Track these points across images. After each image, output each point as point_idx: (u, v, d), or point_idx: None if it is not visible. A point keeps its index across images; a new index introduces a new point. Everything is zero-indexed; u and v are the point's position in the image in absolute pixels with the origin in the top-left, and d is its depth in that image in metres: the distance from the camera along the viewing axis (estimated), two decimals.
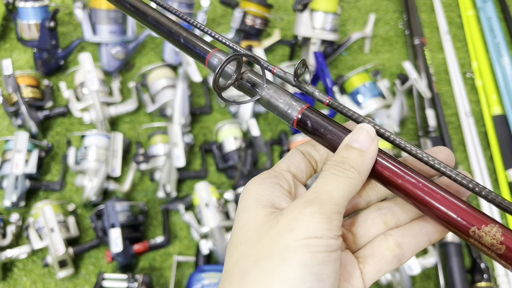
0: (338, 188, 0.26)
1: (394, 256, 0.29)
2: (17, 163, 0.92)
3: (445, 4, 1.39)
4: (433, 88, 1.17)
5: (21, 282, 0.91)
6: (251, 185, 0.28)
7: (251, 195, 0.28)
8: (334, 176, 0.26)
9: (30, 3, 1.08)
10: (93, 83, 0.98)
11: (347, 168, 0.26)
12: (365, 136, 0.27)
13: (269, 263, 0.24)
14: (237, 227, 0.27)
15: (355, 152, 0.26)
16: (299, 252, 0.23)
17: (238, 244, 0.26)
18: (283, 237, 0.24)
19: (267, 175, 0.29)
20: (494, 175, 1.06)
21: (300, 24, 1.14)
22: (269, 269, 0.24)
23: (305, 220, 0.24)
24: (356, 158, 0.26)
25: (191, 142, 1.06)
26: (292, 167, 0.30)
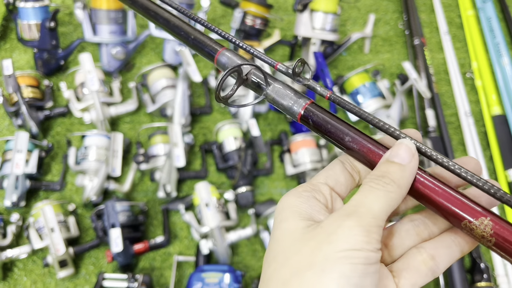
0: (377, 202, 0.26)
1: (428, 269, 0.29)
2: (18, 163, 0.92)
3: (445, 4, 1.39)
4: (433, 88, 1.17)
5: (21, 282, 0.91)
6: (288, 198, 0.29)
7: (289, 207, 0.28)
8: (374, 189, 0.26)
9: (30, 3, 1.08)
10: (93, 83, 0.98)
11: (387, 182, 0.26)
12: (405, 151, 0.27)
13: (309, 274, 0.24)
14: (275, 238, 0.27)
15: (395, 166, 0.27)
16: (339, 264, 0.23)
17: (276, 255, 0.26)
18: (323, 249, 0.24)
19: (304, 188, 0.29)
20: (494, 175, 1.06)
21: (300, 24, 1.14)
22: (309, 280, 0.24)
23: (344, 232, 0.24)
24: (396, 172, 0.26)
25: (191, 142, 1.06)
26: (330, 180, 0.30)
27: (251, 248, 0.97)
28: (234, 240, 0.92)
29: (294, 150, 1.03)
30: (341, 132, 0.29)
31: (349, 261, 0.23)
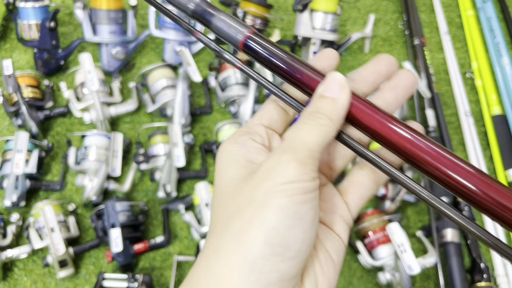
0: (311, 135, 0.26)
1: (371, 181, 0.31)
2: (18, 163, 0.92)
3: (445, 4, 1.39)
4: (433, 88, 1.17)
5: (21, 282, 0.91)
6: (225, 145, 0.30)
7: (227, 155, 0.29)
8: (307, 124, 0.27)
9: (30, 3, 1.08)
10: (93, 83, 0.98)
11: (319, 117, 0.27)
12: (335, 84, 0.27)
13: (250, 210, 0.25)
14: (218, 187, 0.29)
15: (327, 100, 0.27)
16: (277, 197, 0.24)
17: (221, 201, 0.28)
18: (262, 186, 0.25)
19: (239, 133, 0.30)
20: (494, 175, 1.07)
21: (300, 24, 1.14)
22: (250, 215, 0.25)
23: (282, 167, 0.25)
24: (328, 106, 0.27)
25: (191, 142, 1.06)
26: (264, 120, 0.31)
27: None
28: None
29: None
30: (283, 60, 0.30)
31: (286, 193, 0.24)
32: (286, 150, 0.26)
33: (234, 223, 0.25)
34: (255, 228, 0.24)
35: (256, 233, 0.24)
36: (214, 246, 0.26)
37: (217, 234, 0.26)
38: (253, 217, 0.25)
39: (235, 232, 0.25)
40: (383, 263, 0.89)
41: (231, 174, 0.28)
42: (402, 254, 0.79)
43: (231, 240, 0.25)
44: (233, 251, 0.24)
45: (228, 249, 0.25)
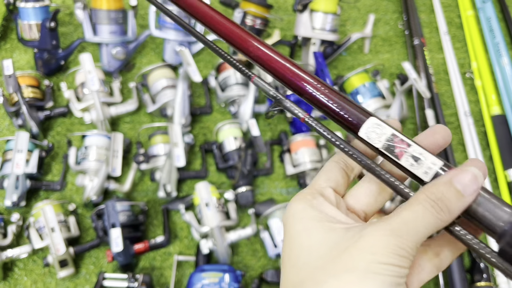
0: (426, 227, 0.26)
1: (433, 266, 0.30)
2: (18, 163, 0.93)
3: (445, 5, 1.39)
4: (433, 88, 1.17)
5: (21, 282, 0.91)
6: (297, 205, 0.29)
7: (303, 215, 0.28)
8: (427, 212, 0.25)
9: (30, 4, 1.08)
10: (93, 83, 0.98)
11: (442, 208, 0.25)
12: (470, 181, 0.25)
13: (349, 276, 0.25)
14: (301, 248, 0.28)
15: (455, 193, 0.25)
16: (380, 274, 0.24)
17: (307, 261, 0.27)
18: (365, 258, 0.25)
19: (309, 192, 0.29)
20: (493, 175, 1.07)
21: (300, 24, 1.14)
22: (349, 281, 0.25)
23: (388, 249, 0.25)
24: (453, 201, 0.25)
25: (191, 142, 1.07)
26: (331, 182, 0.30)
27: (251, 248, 0.98)
28: (234, 240, 0.92)
29: (294, 150, 1.03)
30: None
31: (389, 274, 0.25)
32: (396, 232, 0.25)
33: (329, 284, 0.25)
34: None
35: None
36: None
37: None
38: (352, 283, 0.25)
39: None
40: None
41: (318, 233, 0.28)
42: None
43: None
44: None
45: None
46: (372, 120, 0.29)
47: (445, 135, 0.30)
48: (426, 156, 0.27)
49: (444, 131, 0.30)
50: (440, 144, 0.30)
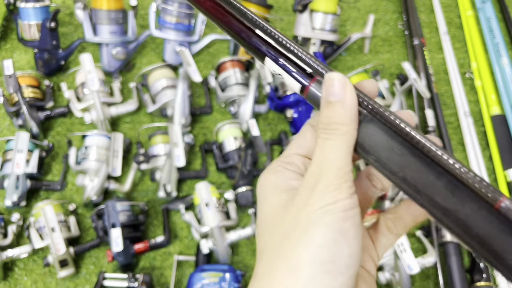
0: (335, 152, 0.27)
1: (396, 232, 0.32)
2: (18, 163, 0.93)
3: (444, 5, 1.39)
4: (432, 88, 1.17)
5: (21, 282, 0.91)
6: (265, 175, 0.31)
7: (266, 184, 0.31)
8: (328, 141, 0.27)
9: (31, 4, 1.08)
10: (93, 83, 0.98)
11: (335, 128, 0.27)
12: (337, 85, 0.27)
13: (295, 234, 0.26)
14: (261, 214, 0.30)
15: (336, 106, 0.27)
16: (319, 219, 0.26)
17: (265, 227, 0.29)
18: (303, 212, 0.26)
19: (277, 163, 0.31)
20: (493, 175, 1.07)
21: (300, 24, 1.15)
22: (296, 239, 0.26)
23: (319, 193, 0.26)
24: (339, 112, 0.27)
25: (191, 142, 1.07)
26: (301, 149, 0.31)
27: (251, 248, 0.98)
28: (234, 239, 0.92)
29: None
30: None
31: (328, 214, 0.25)
32: (317, 176, 0.27)
33: (283, 247, 0.26)
34: (303, 249, 0.25)
35: (304, 254, 0.25)
36: (266, 271, 0.27)
37: (267, 259, 0.27)
38: (299, 240, 0.26)
39: (285, 256, 0.26)
40: (382, 263, 0.89)
41: (272, 201, 0.29)
42: (402, 253, 0.79)
43: (282, 264, 0.26)
44: (285, 274, 0.25)
45: (280, 272, 0.26)
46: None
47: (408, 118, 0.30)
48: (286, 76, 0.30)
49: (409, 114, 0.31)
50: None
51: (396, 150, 0.26)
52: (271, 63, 0.30)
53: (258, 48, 0.31)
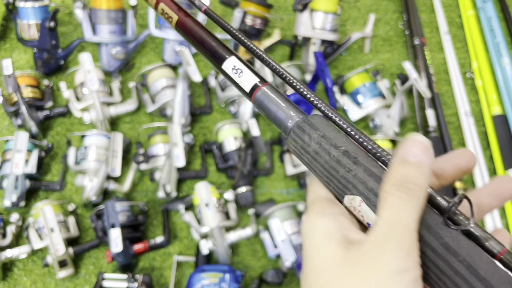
0: (409, 214, 0.25)
1: None
2: (17, 163, 0.92)
3: (445, 4, 1.39)
4: (433, 88, 1.17)
5: (21, 282, 0.91)
6: (313, 219, 0.28)
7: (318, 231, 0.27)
8: (401, 200, 0.25)
9: (30, 3, 1.08)
10: (93, 83, 0.98)
11: (411, 188, 0.25)
12: (419, 147, 0.26)
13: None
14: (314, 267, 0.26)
15: (413, 166, 0.25)
16: (390, 286, 0.23)
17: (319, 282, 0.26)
18: (371, 276, 0.24)
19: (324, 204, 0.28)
20: (494, 175, 1.06)
21: (300, 24, 1.14)
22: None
23: (389, 257, 0.24)
24: (416, 174, 0.25)
25: (191, 142, 1.06)
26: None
27: (251, 248, 0.97)
28: (234, 240, 0.92)
29: None
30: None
31: (398, 281, 0.23)
32: (388, 235, 0.24)
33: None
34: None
35: None
36: None
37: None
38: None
39: None
40: None
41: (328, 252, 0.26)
42: None
43: None
44: None
45: None
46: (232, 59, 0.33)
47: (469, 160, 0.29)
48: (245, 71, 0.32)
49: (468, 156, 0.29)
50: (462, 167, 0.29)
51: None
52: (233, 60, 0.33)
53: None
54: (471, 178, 1.06)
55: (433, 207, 0.25)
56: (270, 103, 0.30)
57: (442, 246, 0.24)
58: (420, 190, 0.25)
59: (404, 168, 0.25)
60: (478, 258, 0.23)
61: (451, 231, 0.24)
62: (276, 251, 0.92)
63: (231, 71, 0.32)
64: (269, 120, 0.31)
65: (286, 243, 0.89)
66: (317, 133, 0.27)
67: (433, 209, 0.25)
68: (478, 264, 0.23)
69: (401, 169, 0.25)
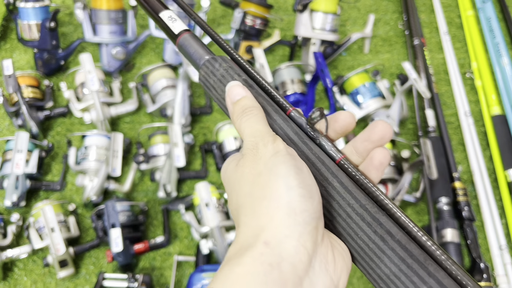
0: (260, 123, 0.33)
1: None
2: (18, 163, 0.92)
3: (445, 5, 1.39)
4: (433, 88, 1.17)
5: (21, 282, 0.91)
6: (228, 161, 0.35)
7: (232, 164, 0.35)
8: (249, 118, 0.33)
9: (30, 4, 1.08)
10: (93, 83, 0.98)
11: (250, 110, 0.34)
12: (237, 90, 0.35)
13: (263, 177, 0.30)
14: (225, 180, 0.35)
15: (243, 100, 0.34)
16: (275, 161, 0.29)
17: (231, 187, 0.33)
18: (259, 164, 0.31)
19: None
20: (493, 175, 1.07)
21: (300, 24, 1.14)
22: (266, 179, 0.29)
23: (263, 149, 0.31)
24: (245, 102, 0.34)
25: (191, 142, 1.07)
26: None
27: None
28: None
29: None
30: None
31: (280, 156, 0.30)
32: (255, 140, 0.32)
33: (255, 190, 0.30)
34: (275, 182, 0.29)
35: (276, 186, 0.28)
36: (249, 213, 0.30)
37: (246, 207, 0.30)
38: (269, 178, 0.29)
39: (263, 194, 0.29)
40: None
41: (228, 167, 0.34)
42: None
43: (261, 202, 0.29)
44: (270, 203, 0.28)
45: (265, 202, 0.28)
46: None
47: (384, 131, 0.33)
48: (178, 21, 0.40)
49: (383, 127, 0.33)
50: (374, 139, 0.34)
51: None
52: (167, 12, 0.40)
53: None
54: (471, 178, 1.06)
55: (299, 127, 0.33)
56: (191, 46, 0.38)
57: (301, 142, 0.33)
58: (257, 108, 0.34)
59: (238, 104, 0.34)
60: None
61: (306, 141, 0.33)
62: None
63: (167, 18, 0.40)
64: (189, 60, 0.39)
65: None
66: (226, 64, 0.36)
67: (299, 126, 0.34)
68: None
69: (236, 106, 0.34)
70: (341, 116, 0.34)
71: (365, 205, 0.29)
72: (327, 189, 0.30)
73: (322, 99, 1.18)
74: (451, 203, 0.97)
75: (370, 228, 0.28)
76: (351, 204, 0.29)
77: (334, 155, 0.32)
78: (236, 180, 0.32)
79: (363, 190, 0.30)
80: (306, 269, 0.27)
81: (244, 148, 0.32)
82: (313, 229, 0.28)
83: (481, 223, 1.00)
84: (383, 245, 0.28)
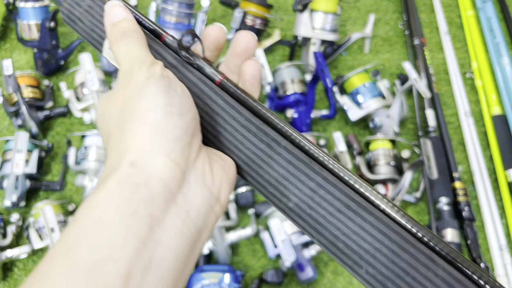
0: (138, 47, 0.31)
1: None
2: (18, 163, 0.92)
3: (445, 5, 1.39)
4: (433, 88, 1.17)
5: (21, 282, 0.91)
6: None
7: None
8: (127, 42, 0.31)
9: (30, 4, 1.08)
10: (93, 83, 0.98)
11: (130, 34, 0.31)
12: (117, 9, 0.32)
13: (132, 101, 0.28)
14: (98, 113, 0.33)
15: (123, 22, 0.32)
16: (147, 83, 0.28)
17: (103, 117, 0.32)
18: (131, 88, 0.29)
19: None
20: (494, 175, 1.06)
21: (300, 24, 1.14)
22: (135, 102, 0.28)
23: (138, 73, 0.29)
24: (126, 24, 0.32)
25: None
26: None
27: (251, 248, 0.97)
28: (234, 240, 0.92)
29: None
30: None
31: (152, 77, 0.28)
32: (131, 65, 0.30)
33: (124, 115, 0.28)
34: (143, 103, 0.28)
35: (143, 105, 0.27)
36: (116, 135, 0.29)
37: (114, 132, 0.29)
38: (138, 100, 0.28)
39: (130, 116, 0.28)
40: None
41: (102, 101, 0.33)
42: None
43: (131, 120, 0.28)
44: (135, 124, 0.27)
45: (130, 124, 0.27)
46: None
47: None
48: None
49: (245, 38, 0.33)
50: (239, 52, 0.33)
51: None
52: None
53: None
54: (471, 178, 1.06)
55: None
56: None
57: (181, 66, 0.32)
58: (138, 32, 0.31)
59: (117, 26, 0.32)
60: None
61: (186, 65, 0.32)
62: (276, 251, 0.92)
63: None
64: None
65: (286, 243, 0.89)
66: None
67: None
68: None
69: (115, 28, 0.32)
70: (209, 32, 0.33)
71: (250, 118, 0.30)
72: (211, 107, 0.31)
73: (322, 99, 1.18)
74: (451, 203, 0.97)
75: (256, 137, 0.30)
76: (236, 118, 0.30)
77: (214, 77, 0.31)
78: (107, 112, 0.30)
79: (246, 107, 0.31)
80: (179, 185, 0.26)
81: (119, 75, 0.31)
82: (186, 145, 0.27)
83: (481, 223, 1.00)
84: (270, 151, 0.29)
